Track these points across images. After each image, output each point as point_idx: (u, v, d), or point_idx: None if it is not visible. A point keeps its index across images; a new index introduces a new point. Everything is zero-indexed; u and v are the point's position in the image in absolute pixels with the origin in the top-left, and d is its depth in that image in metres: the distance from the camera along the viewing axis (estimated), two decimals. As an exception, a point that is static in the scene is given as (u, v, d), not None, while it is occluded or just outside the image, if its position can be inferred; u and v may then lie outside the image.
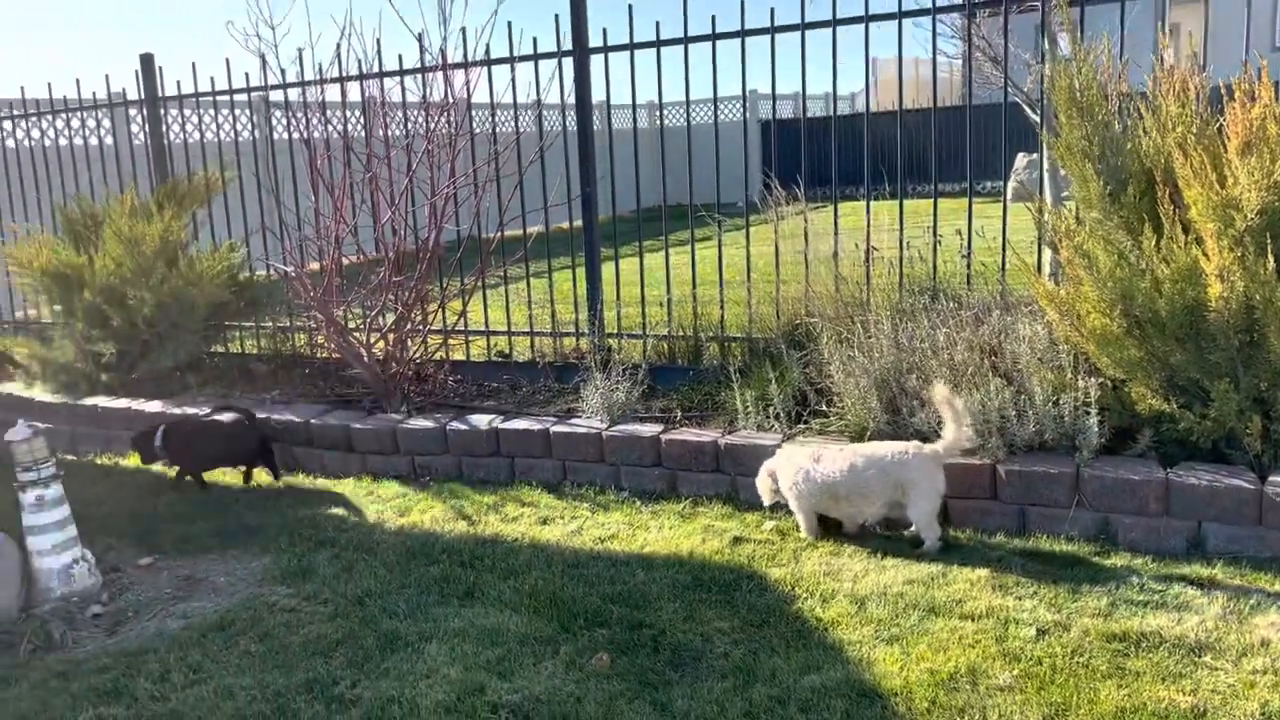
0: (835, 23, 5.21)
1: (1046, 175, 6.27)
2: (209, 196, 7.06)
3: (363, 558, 4.27)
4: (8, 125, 8.62)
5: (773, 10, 5.34)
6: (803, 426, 4.74)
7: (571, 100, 5.95)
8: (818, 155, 5.65)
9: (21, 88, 8.13)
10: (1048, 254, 5.28)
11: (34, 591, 4.12)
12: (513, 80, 6.03)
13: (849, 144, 8.20)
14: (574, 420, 5.17)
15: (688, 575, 3.85)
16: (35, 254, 6.76)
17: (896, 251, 5.29)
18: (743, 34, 5.47)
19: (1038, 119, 5.10)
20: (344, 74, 6.19)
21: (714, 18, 5.51)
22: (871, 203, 5.40)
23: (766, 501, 4.31)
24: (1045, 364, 4.28)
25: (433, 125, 5.82)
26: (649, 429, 4.93)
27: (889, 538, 4.15)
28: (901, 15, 5.10)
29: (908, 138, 5.59)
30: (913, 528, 4.04)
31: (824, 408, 4.78)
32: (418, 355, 6.13)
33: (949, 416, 3.95)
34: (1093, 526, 3.98)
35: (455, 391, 6.17)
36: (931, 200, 5.37)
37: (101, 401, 6.37)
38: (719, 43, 5.56)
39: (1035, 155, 5.18)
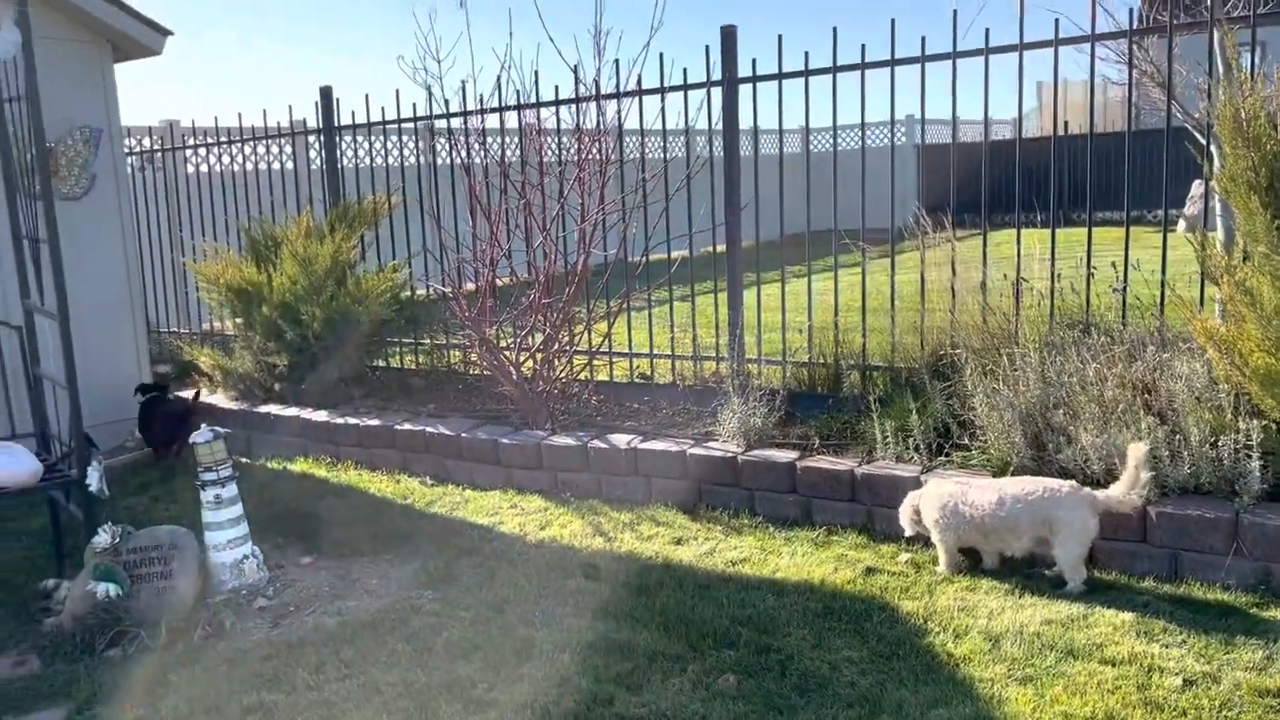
0: (987, 51, 5.14)
1: (1218, 205, 5.97)
2: (376, 219, 7.51)
3: (504, 567, 4.46)
4: (201, 151, 9.39)
5: (924, 39, 5.31)
6: (943, 459, 4.68)
7: (719, 127, 6.06)
8: (971, 182, 5.54)
9: (215, 118, 8.86)
10: (1213, 289, 5.04)
11: (209, 582, 4.48)
12: (662, 110, 6.19)
13: (1005, 171, 8.01)
14: (710, 444, 5.25)
15: (818, 603, 3.87)
16: (221, 270, 7.34)
17: (1047, 283, 5.15)
18: (892, 63, 5.46)
19: (1206, 146, 4.89)
20: (503, 104, 6.50)
21: (864, 47, 5.53)
22: (1025, 231, 5.28)
23: (908, 532, 4.28)
24: (1203, 404, 4.10)
25: (585, 153, 6.04)
26: (785, 455, 4.96)
27: (1029, 575, 4.04)
28: (1058, 43, 4.99)
29: (1067, 164, 5.43)
30: (1056, 567, 3.93)
31: (965, 441, 4.70)
32: (563, 375, 6.34)
33: (1129, 475, 3.82)
34: (1251, 576, 3.78)
35: (598, 410, 6.34)
36: (1087, 229, 5.22)
37: (274, 409, 6.85)
38: (873, 70, 5.56)
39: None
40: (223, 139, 8.88)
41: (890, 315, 5.69)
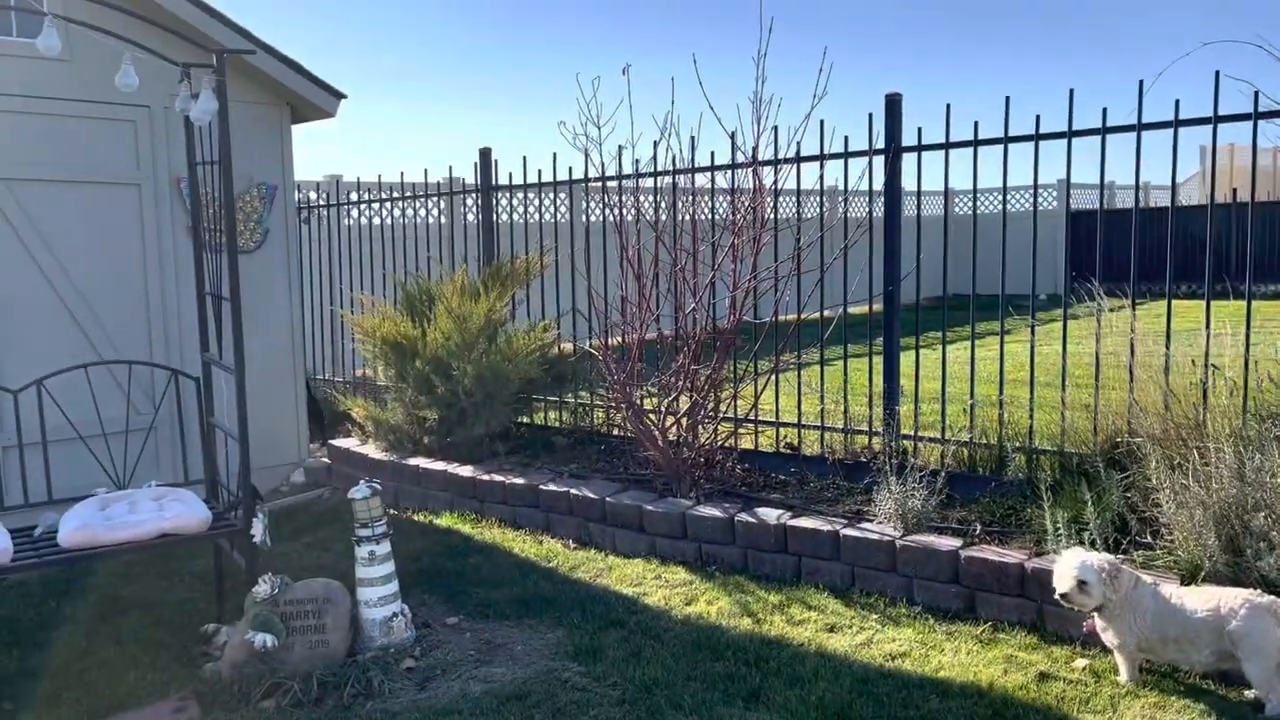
0: (1177, 124, 4.87)
1: None
2: (529, 278, 7.63)
3: (650, 644, 4.35)
4: (362, 207, 9.77)
5: (1105, 110, 5.08)
6: (1122, 557, 4.34)
7: (880, 194, 5.92)
8: (1135, 249, 5.19)
9: (379, 175, 9.23)
10: None
11: (359, 638, 4.52)
12: (820, 177, 6.10)
13: (1179, 240, 7.58)
14: (864, 524, 5.04)
15: (986, 708, 3.61)
16: (378, 324, 7.56)
17: (1231, 364, 4.78)
18: (1069, 134, 5.23)
19: None
20: (657, 169, 6.52)
21: (1038, 118, 5.32)
22: (1188, 302, 4.93)
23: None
24: None
25: (739, 219, 5.99)
26: (946, 542, 4.71)
27: (1225, 697, 3.68)
28: (1257, 117, 4.67)
29: (1247, 233, 5.06)
30: (1253, 689, 3.57)
31: (1148, 538, 4.36)
32: (708, 442, 6.24)
33: None
34: None
35: (742, 480, 6.21)
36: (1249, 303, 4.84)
37: (423, 463, 6.97)
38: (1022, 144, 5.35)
39: None
40: (383, 195, 9.23)
41: (1060, 394, 5.39)
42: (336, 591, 4.53)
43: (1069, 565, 3.77)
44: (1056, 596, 3.78)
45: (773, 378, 6.34)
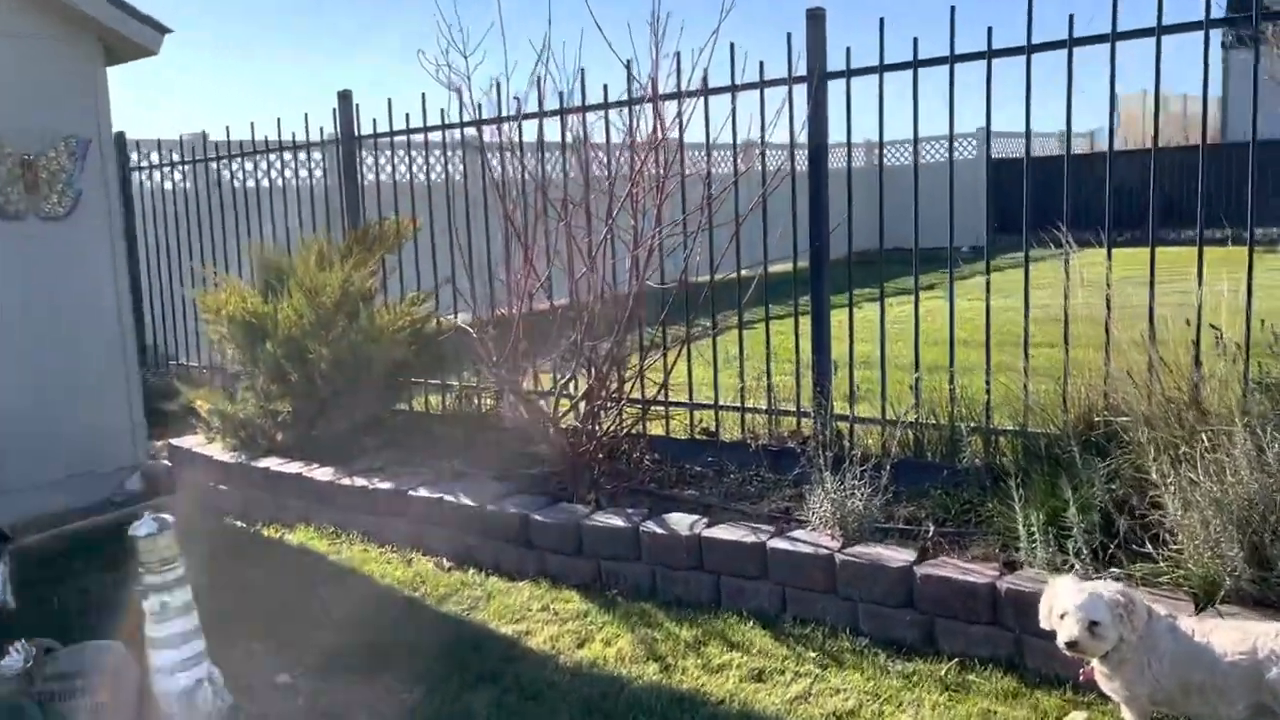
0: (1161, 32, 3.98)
1: None
2: (400, 243, 6.52)
3: (530, 708, 3.38)
4: (213, 166, 8.49)
5: (1071, 17, 4.17)
6: (1116, 571, 3.49)
7: (803, 138, 4.96)
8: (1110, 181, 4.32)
9: (227, 128, 7.97)
10: None
11: (153, 715, 3.46)
12: (733, 112, 5.11)
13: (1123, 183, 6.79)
14: (797, 534, 4.12)
15: (965, 796, 2.72)
16: (225, 300, 6.39)
17: (1229, 323, 3.95)
18: (1028, 50, 4.32)
19: None
20: (542, 108, 5.46)
21: (990, 30, 4.39)
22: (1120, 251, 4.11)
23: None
24: None
25: (638, 166, 4.98)
26: (897, 556, 3.81)
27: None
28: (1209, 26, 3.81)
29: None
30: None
31: (1145, 545, 3.51)
32: (611, 429, 5.26)
33: None
34: None
35: (652, 474, 5.24)
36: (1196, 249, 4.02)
37: (275, 464, 5.86)
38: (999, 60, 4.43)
39: None
40: (223, 154, 8.01)
41: (1022, 362, 4.53)
42: (118, 657, 3.46)
43: (1070, 600, 2.88)
44: (1061, 645, 2.89)
45: (684, 352, 5.37)
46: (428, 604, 4.38)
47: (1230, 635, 2.79)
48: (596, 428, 5.19)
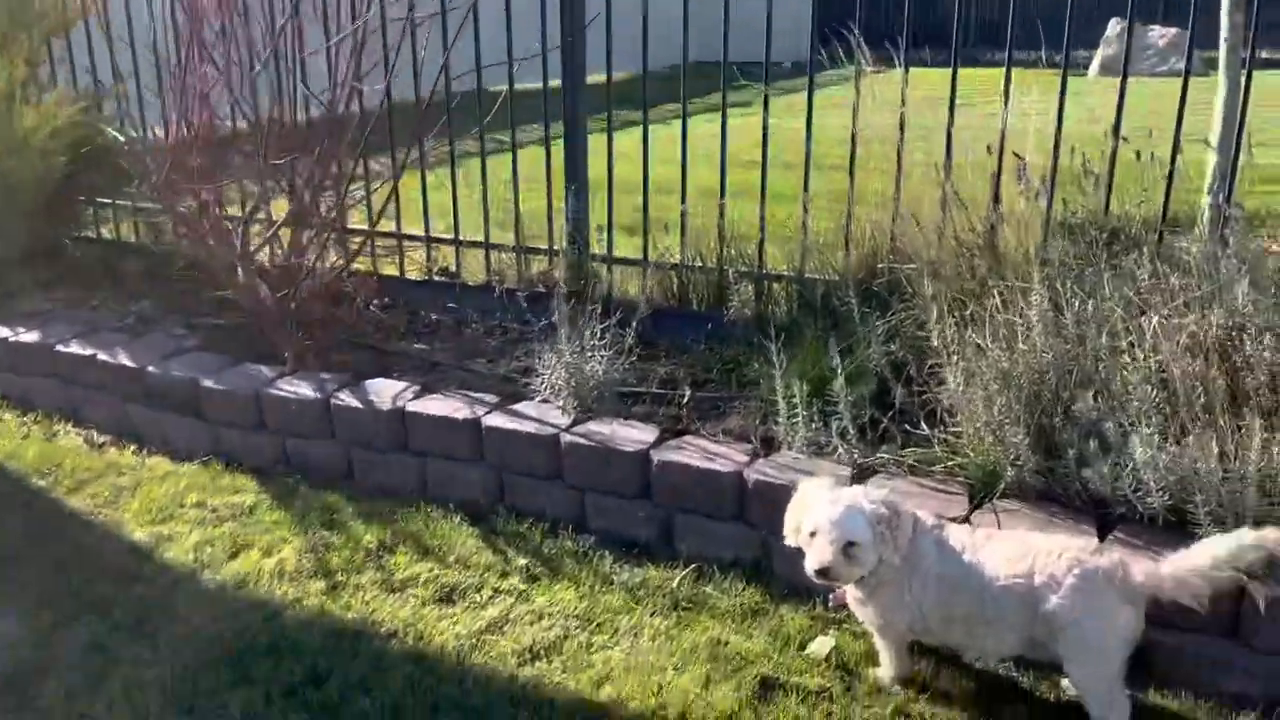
0: None
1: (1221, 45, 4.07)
2: (67, 26, 5.11)
3: (142, 647, 2.55)
4: None
5: None
6: (885, 455, 2.89)
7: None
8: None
9: None
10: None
11: None
12: None
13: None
14: (521, 407, 3.35)
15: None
16: None
17: (1035, 152, 3.32)
18: None
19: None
20: None
21: None
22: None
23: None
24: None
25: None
26: (635, 435, 3.10)
27: (1044, 698, 2.36)
28: None
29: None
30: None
31: (921, 425, 2.91)
32: (329, 268, 4.27)
33: (1220, 547, 2.09)
34: None
35: (378, 324, 4.35)
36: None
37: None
38: None
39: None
40: None
41: (801, 200, 3.80)
42: None
43: (822, 514, 2.23)
44: (810, 571, 2.25)
45: (414, 181, 4.38)
46: (57, 494, 3.42)
47: (1005, 551, 2.22)
48: (303, 266, 4.19)
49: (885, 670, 2.38)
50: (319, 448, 3.50)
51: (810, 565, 2.23)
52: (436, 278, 4.65)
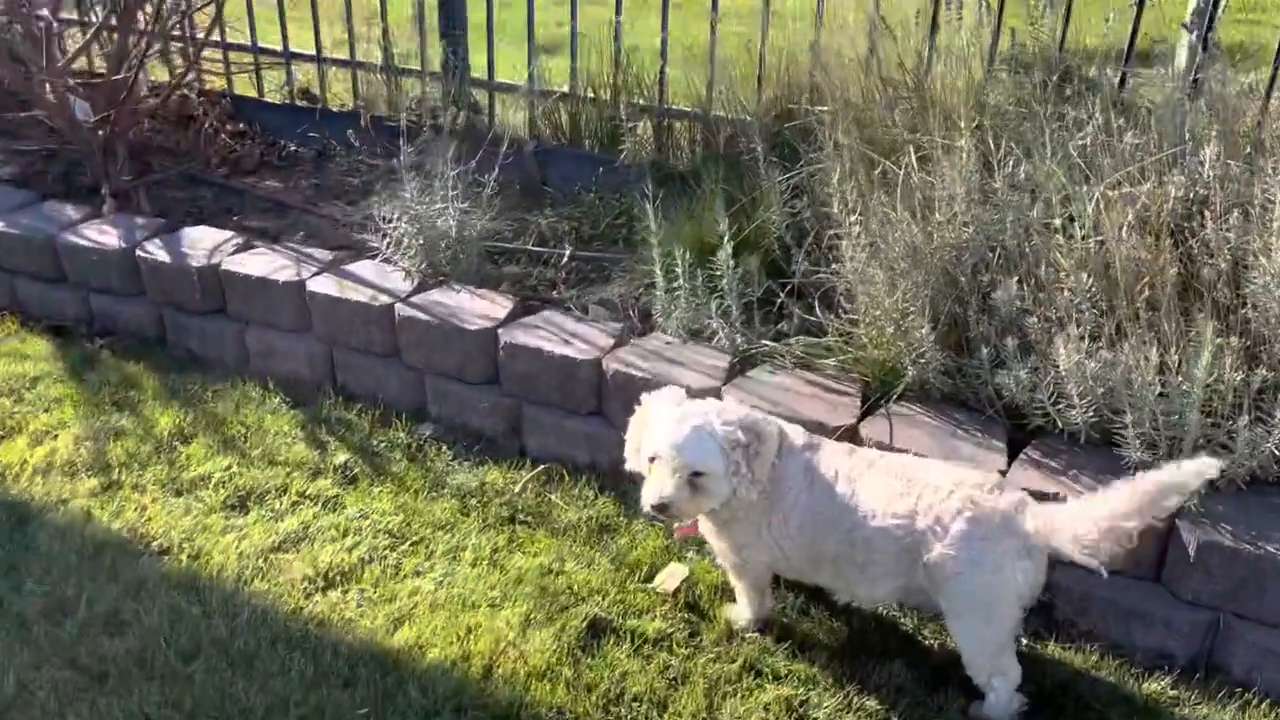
0: None
1: None
2: None
3: None
4: None
5: None
6: (770, 343, 2.42)
7: None
8: None
9: None
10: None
11: None
12: None
13: None
14: (357, 266, 2.83)
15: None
16: None
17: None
18: None
19: None
20: None
21: None
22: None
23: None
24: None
25: None
26: (484, 308, 2.61)
27: (914, 642, 2.00)
28: None
29: None
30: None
31: (817, 310, 2.43)
32: (136, 78, 3.61)
33: (1139, 492, 1.65)
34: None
35: (228, 154, 3.75)
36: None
37: None
38: None
39: None
40: None
41: (711, 20, 3.19)
42: None
43: (666, 436, 1.79)
44: (646, 507, 1.82)
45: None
46: None
47: (886, 484, 1.80)
48: (136, 79, 3.53)
49: (741, 611, 2.00)
50: (128, 306, 2.98)
51: (646, 499, 1.80)
52: (298, 102, 4.00)
